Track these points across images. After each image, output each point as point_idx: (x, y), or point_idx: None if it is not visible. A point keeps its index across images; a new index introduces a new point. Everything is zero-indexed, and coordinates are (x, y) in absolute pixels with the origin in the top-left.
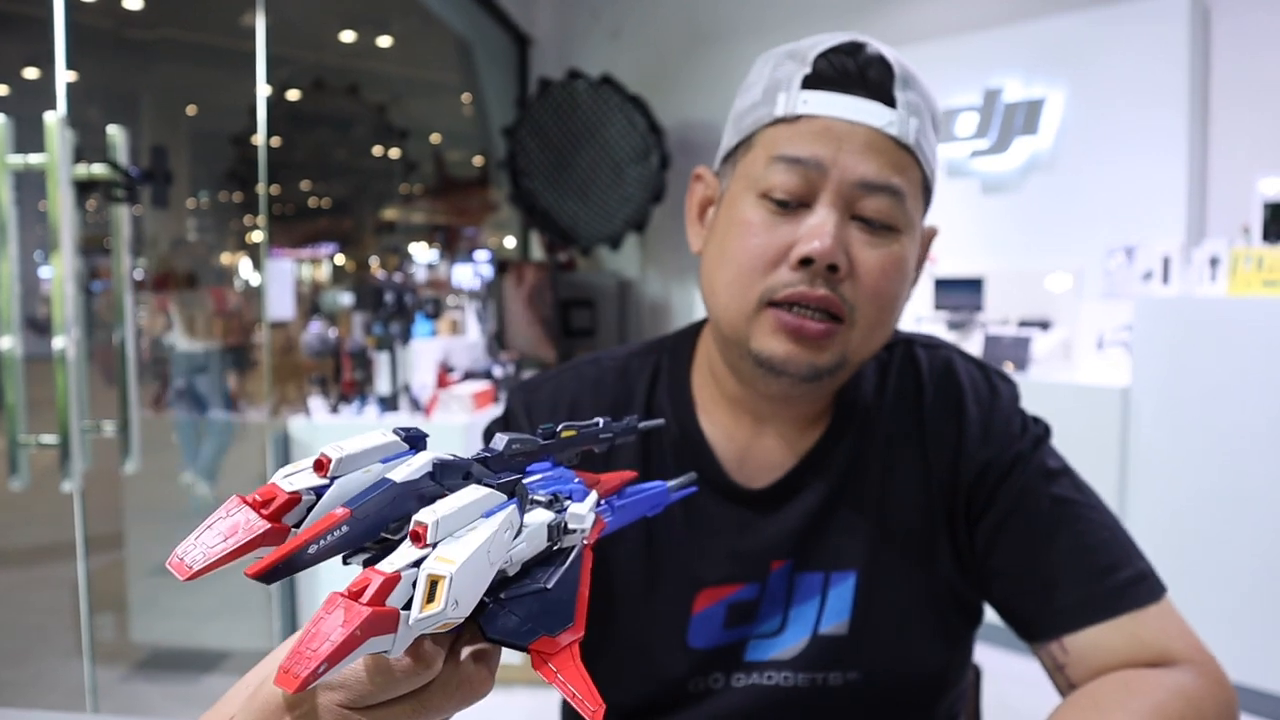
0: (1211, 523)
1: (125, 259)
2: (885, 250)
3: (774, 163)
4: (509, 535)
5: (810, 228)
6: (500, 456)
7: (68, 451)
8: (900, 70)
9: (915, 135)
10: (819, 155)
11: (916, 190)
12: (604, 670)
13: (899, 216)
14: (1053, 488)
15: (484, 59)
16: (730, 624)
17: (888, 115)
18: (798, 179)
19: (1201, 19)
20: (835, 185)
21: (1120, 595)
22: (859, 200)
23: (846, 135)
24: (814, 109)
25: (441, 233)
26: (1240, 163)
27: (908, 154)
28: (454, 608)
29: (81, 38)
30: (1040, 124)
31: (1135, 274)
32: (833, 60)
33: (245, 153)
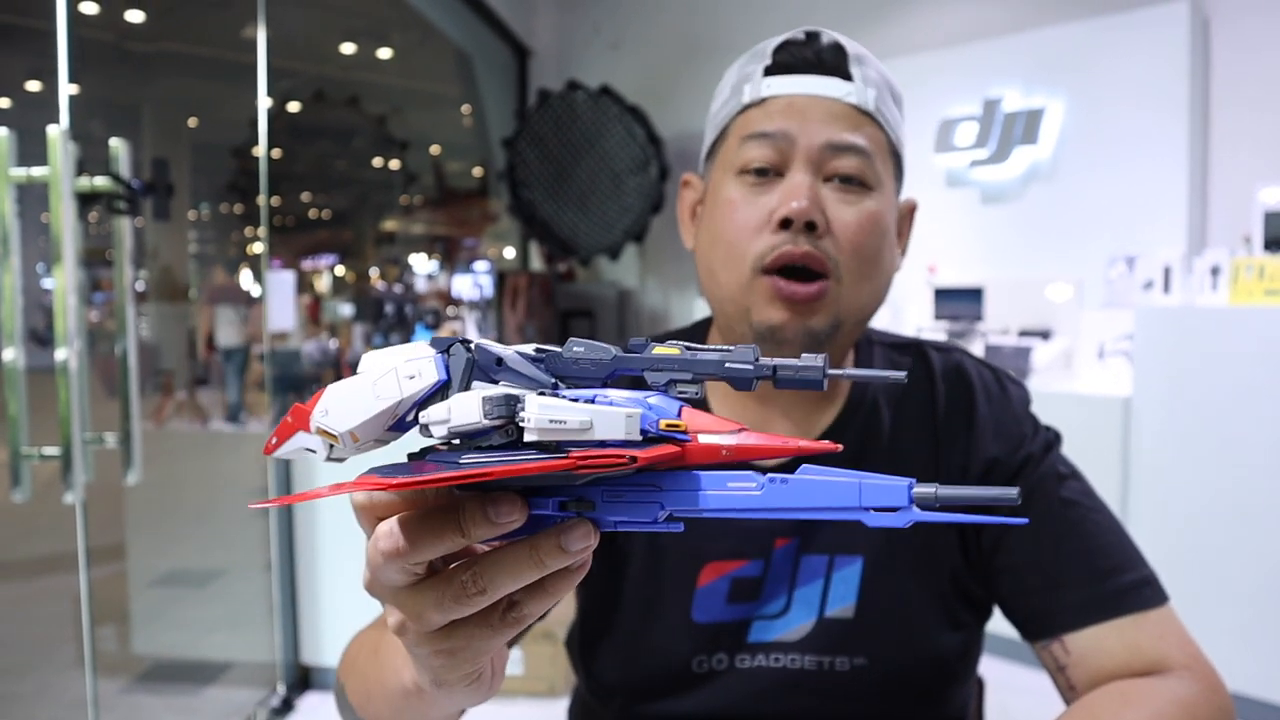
0: (1214, 533)
1: (127, 271)
2: (859, 206)
3: (746, 141)
4: (413, 381)
5: (786, 190)
6: (558, 357)
7: (69, 463)
8: (854, 50)
9: (875, 102)
10: (785, 127)
11: (883, 152)
12: (611, 647)
13: (868, 173)
14: (1061, 490)
15: (483, 70)
16: (734, 599)
17: (846, 87)
18: (769, 150)
19: (1201, 28)
20: (804, 151)
21: (1123, 597)
22: (829, 161)
23: (809, 107)
24: (777, 90)
25: (441, 243)
26: (1241, 172)
27: (868, 119)
28: (324, 415)
29: (84, 51)
30: (1040, 133)
31: (1136, 283)
32: (790, 50)
33: (246, 164)
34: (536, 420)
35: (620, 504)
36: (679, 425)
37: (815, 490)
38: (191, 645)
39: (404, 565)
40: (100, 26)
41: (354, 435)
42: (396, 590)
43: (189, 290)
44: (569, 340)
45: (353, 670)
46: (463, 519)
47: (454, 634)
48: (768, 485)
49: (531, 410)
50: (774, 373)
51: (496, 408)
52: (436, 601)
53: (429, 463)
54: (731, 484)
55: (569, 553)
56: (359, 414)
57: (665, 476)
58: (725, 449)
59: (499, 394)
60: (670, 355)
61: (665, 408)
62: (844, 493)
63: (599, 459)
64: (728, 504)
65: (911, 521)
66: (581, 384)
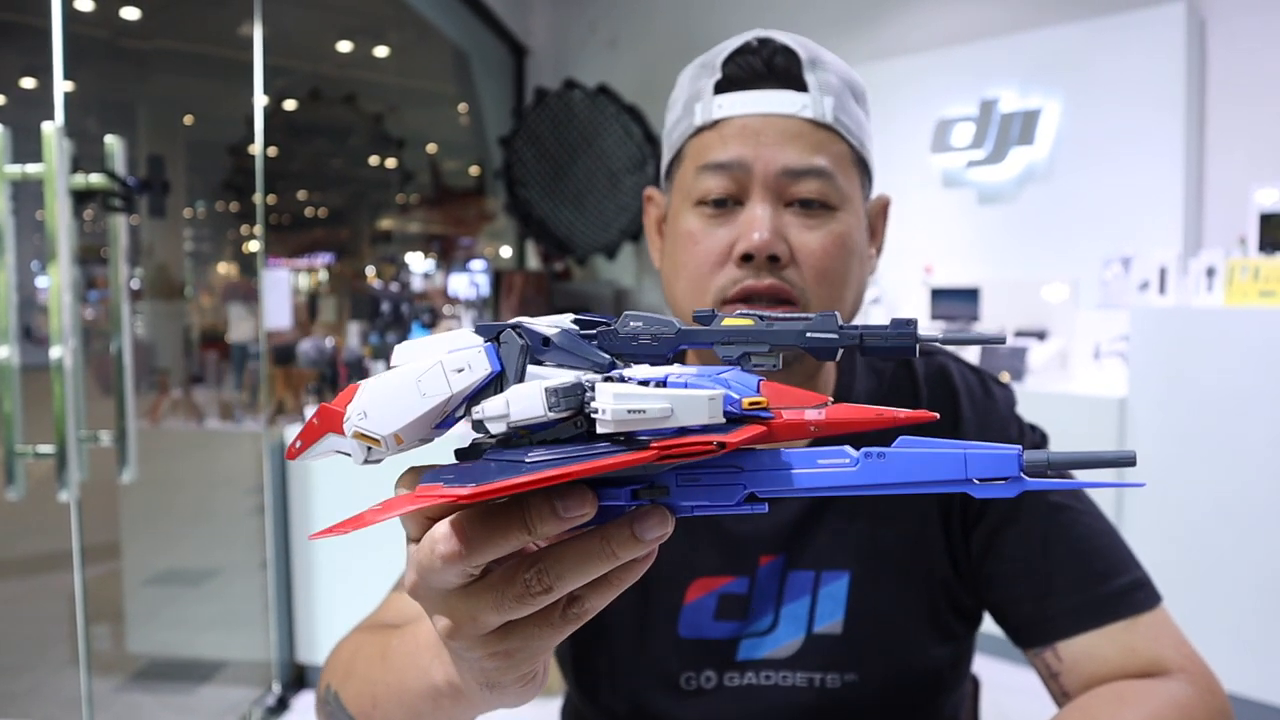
0: (1209, 532)
1: (122, 268)
2: (824, 230)
3: (701, 172)
4: (462, 375)
5: (745, 223)
6: (613, 333)
7: (64, 461)
8: (807, 54)
9: (833, 112)
10: (740, 155)
11: (846, 165)
12: (600, 663)
13: (831, 194)
14: (1050, 494)
15: (480, 69)
16: (721, 615)
17: (800, 100)
18: (725, 181)
19: (1197, 29)
20: (762, 179)
21: (1116, 602)
22: (788, 187)
23: (763, 129)
24: (728, 111)
25: (438, 242)
26: (1236, 173)
27: (828, 131)
28: (362, 418)
29: (79, 48)
30: (1036, 134)
31: (1132, 284)
32: (739, 61)
33: (242, 162)
34: (613, 413)
35: (697, 488)
36: (761, 402)
37: (916, 463)
38: (187, 644)
39: (464, 568)
40: (95, 23)
41: (398, 438)
42: (449, 594)
43: (185, 288)
44: (624, 314)
45: (350, 676)
46: (529, 516)
47: (511, 635)
48: (863, 461)
49: (605, 401)
50: (861, 340)
51: (564, 399)
52: (496, 603)
53: (486, 460)
54: (822, 461)
55: (643, 541)
56: (405, 414)
57: (747, 456)
58: (813, 425)
59: (565, 384)
60: (744, 327)
61: (744, 383)
62: (948, 464)
63: (684, 448)
64: (819, 482)
65: (1022, 490)
66: (639, 361)
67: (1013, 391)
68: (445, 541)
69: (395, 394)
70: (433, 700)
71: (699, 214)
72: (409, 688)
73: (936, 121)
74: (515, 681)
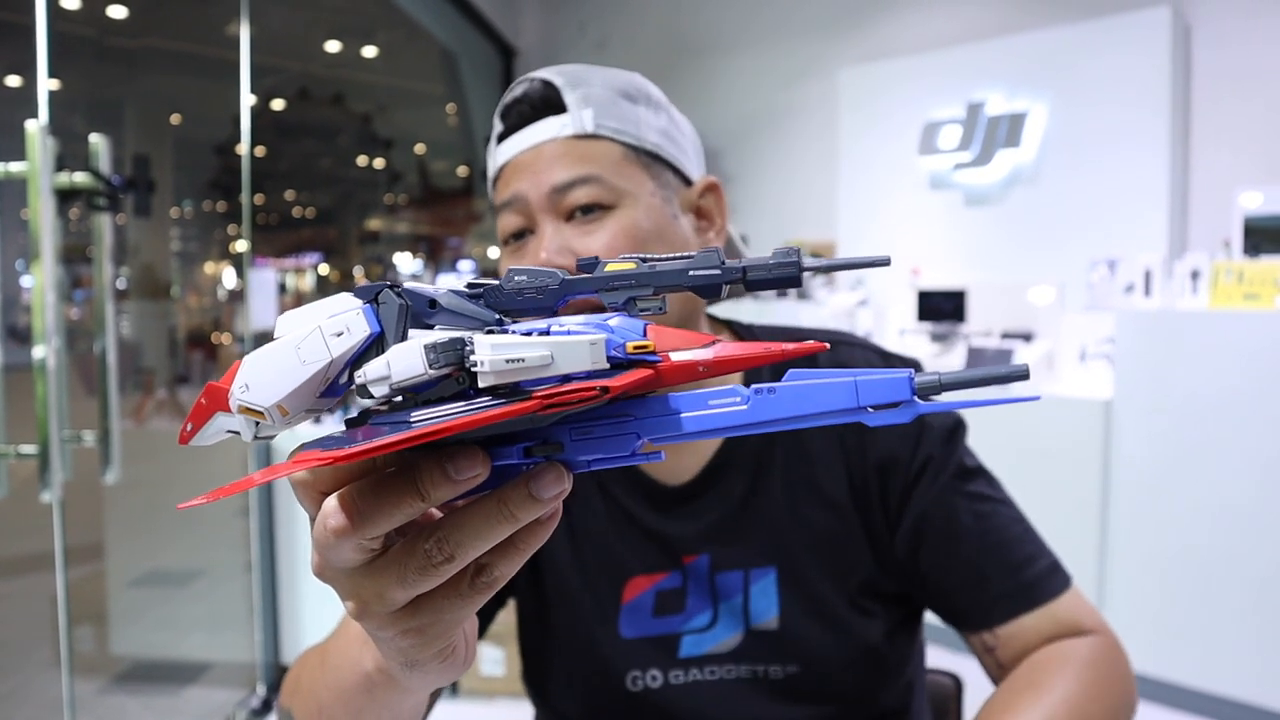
0: (1193, 533)
1: (107, 268)
2: (604, 229)
3: (499, 215)
4: (341, 338)
5: (533, 251)
6: (498, 289)
7: (47, 462)
8: (564, 78)
9: (594, 120)
10: (516, 190)
11: (619, 163)
12: (555, 673)
13: (603, 194)
14: (969, 486)
15: (469, 69)
16: (659, 612)
17: (560, 122)
18: (515, 217)
19: (1183, 34)
20: (538, 204)
21: (1041, 587)
22: (562, 202)
23: (532, 161)
24: (506, 155)
25: (425, 243)
26: (1221, 177)
27: (593, 140)
28: (244, 391)
29: (64, 46)
30: (1023, 137)
31: (1117, 287)
32: (512, 110)
33: (229, 162)
34: (491, 363)
35: (591, 441)
36: (647, 346)
37: (808, 395)
38: (171, 645)
39: (359, 542)
40: (82, 22)
41: (282, 408)
42: (351, 571)
43: (170, 288)
44: (509, 270)
45: (297, 690)
46: (420, 481)
47: (421, 609)
48: (754, 398)
49: (483, 352)
50: (744, 274)
51: (442, 355)
52: (399, 577)
53: (372, 426)
54: (713, 401)
55: (542, 501)
56: (285, 384)
57: (638, 404)
58: (702, 365)
59: (443, 339)
60: (626, 271)
61: (629, 328)
62: (840, 393)
63: (566, 395)
64: (712, 424)
65: (916, 415)
66: (528, 316)
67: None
68: (335, 515)
69: (276, 364)
70: (367, 691)
71: (506, 252)
72: (345, 684)
73: (923, 124)
74: (434, 658)
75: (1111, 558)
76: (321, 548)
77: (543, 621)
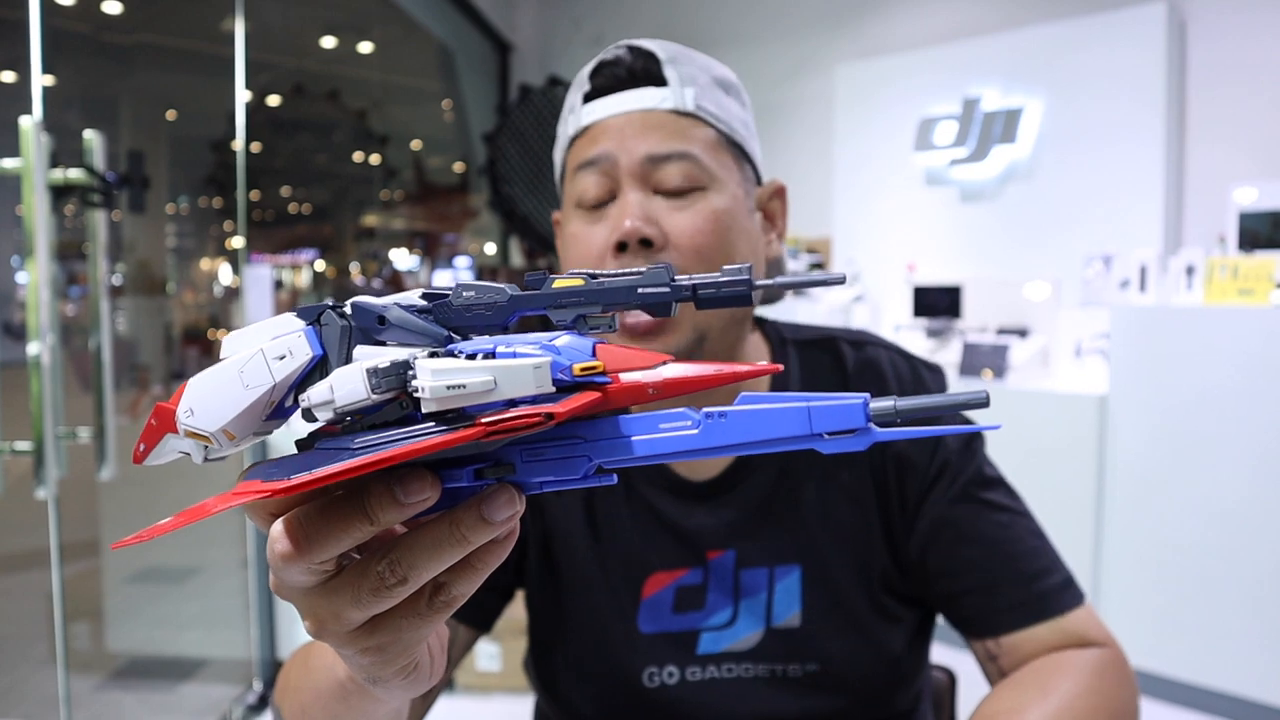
0: (1188, 528)
1: (102, 264)
2: (694, 210)
3: (576, 174)
4: (284, 362)
5: (617, 213)
6: (447, 305)
7: (42, 458)
8: (666, 53)
9: (694, 100)
10: (604, 150)
11: (713, 147)
12: (565, 665)
13: (699, 175)
14: (987, 494)
15: (465, 65)
16: (679, 608)
17: (660, 94)
18: (597, 177)
19: (1178, 29)
20: (627, 170)
21: (1053, 600)
22: (654, 174)
23: (624, 125)
24: (595, 116)
25: (421, 239)
26: (1216, 172)
27: (691, 119)
28: (189, 415)
29: (58, 42)
30: (1019, 133)
31: (1112, 282)
32: (604, 72)
33: (224, 158)
34: (432, 389)
35: (542, 463)
36: (595, 367)
37: (759, 421)
38: (167, 642)
39: (309, 566)
40: (76, 17)
41: (228, 433)
42: (306, 592)
43: (166, 284)
44: (457, 284)
45: (286, 691)
46: (369, 505)
47: (379, 629)
48: (704, 422)
49: (424, 379)
50: (694, 293)
51: (384, 380)
52: (354, 598)
53: (317, 450)
54: (664, 425)
55: (493, 523)
56: (229, 408)
57: (588, 426)
58: (651, 387)
59: (384, 364)
60: (574, 288)
61: (577, 348)
62: (792, 420)
63: (511, 422)
64: (662, 448)
65: (871, 442)
66: (478, 332)
67: (944, 374)
68: (281, 540)
69: (219, 387)
70: (343, 699)
71: (579, 216)
72: (323, 688)
73: (919, 120)
74: (395, 675)
75: (1107, 552)
76: (273, 569)
77: (558, 613)
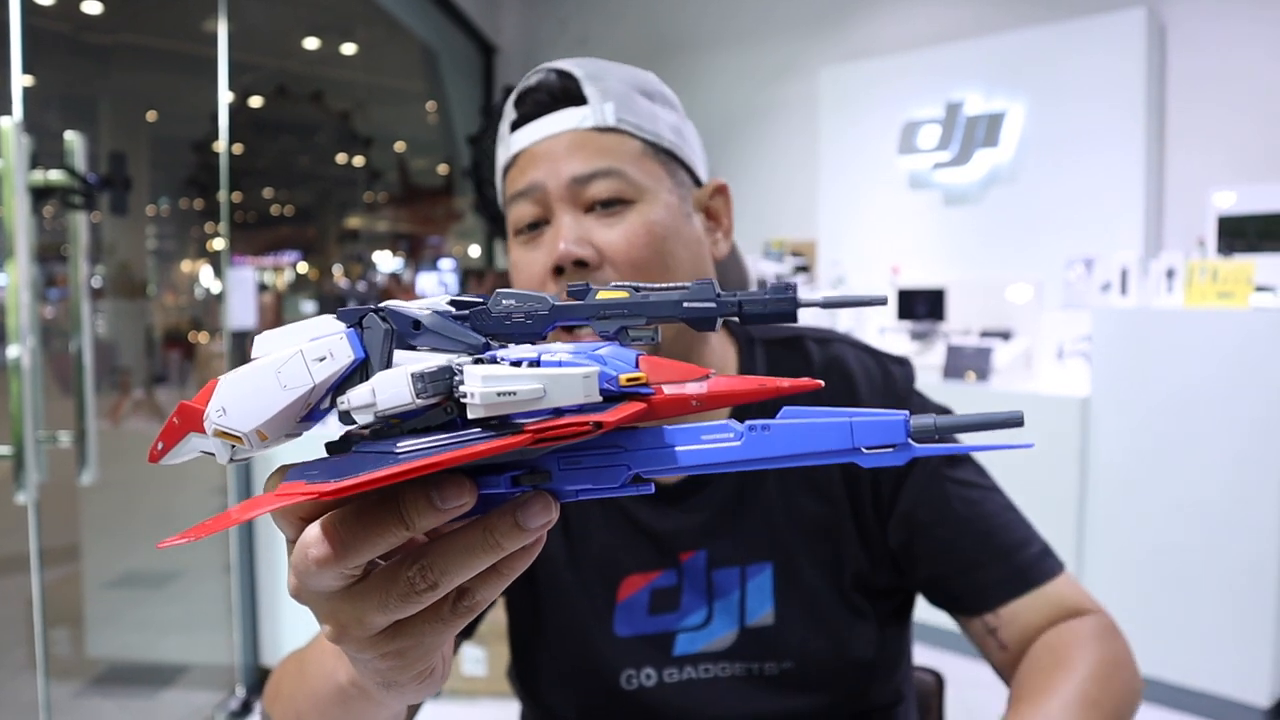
0: (1169, 529)
1: (83, 266)
2: (625, 224)
3: (511, 204)
4: (324, 363)
5: (550, 239)
6: (485, 313)
7: (22, 462)
8: (584, 70)
9: (615, 114)
10: (534, 179)
11: (638, 158)
12: (547, 671)
13: (625, 189)
14: (957, 473)
15: (449, 67)
16: (654, 610)
17: (581, 113)
18: (530, 206)
19: (1158, 34)
20: (556, 194)
21: (1036, 569)
22: (581, 194)
23: (551, 149)
24: (522, 144)
25: (405, 241)
26: (1195, 176)
27: (613, 133)
28: (221, 415)
29: (38, 42)
30: (1001, 137)
31: (1094, 285)
32: (528, 98)
33: (207, 159)
34: (482, 395)
35: (580, 471)
36: (640, 378)
37: (802, 434)
38: (148, 647)
39: (341, 571)
40: (56, 17)
41: (261, 433)
42: (330, 596)
43: (147, 286)
44: (496, 292)
45: (277, 698)
46: (405, 510)
47: (401, 634)
48: (748, 435)
49: (474, 384)
50: (740, 308)
51: (430, 385)
52: (380, 604)
53: (356, 453)
54: (706, 437)
55: (528, 530)
56: (265, 409)
57: (629, 435)
58: (695, 399)
59: (431, 369)
60: (619, 300)
61: (621, 359)
62: (834, 434)
63: (559, 430)
64: (704, 459)
65: (910, 458)
66: (515, 340)
67: (912, 368)
68: (317, 545)
69: (255, 388)
70: (342, 704)
71: (518, 243)
72: (321, 694)
73: (903, 124)
74: (412, 680)
75: (1088, 553)
76: (300, 574)
77: (535, 618)
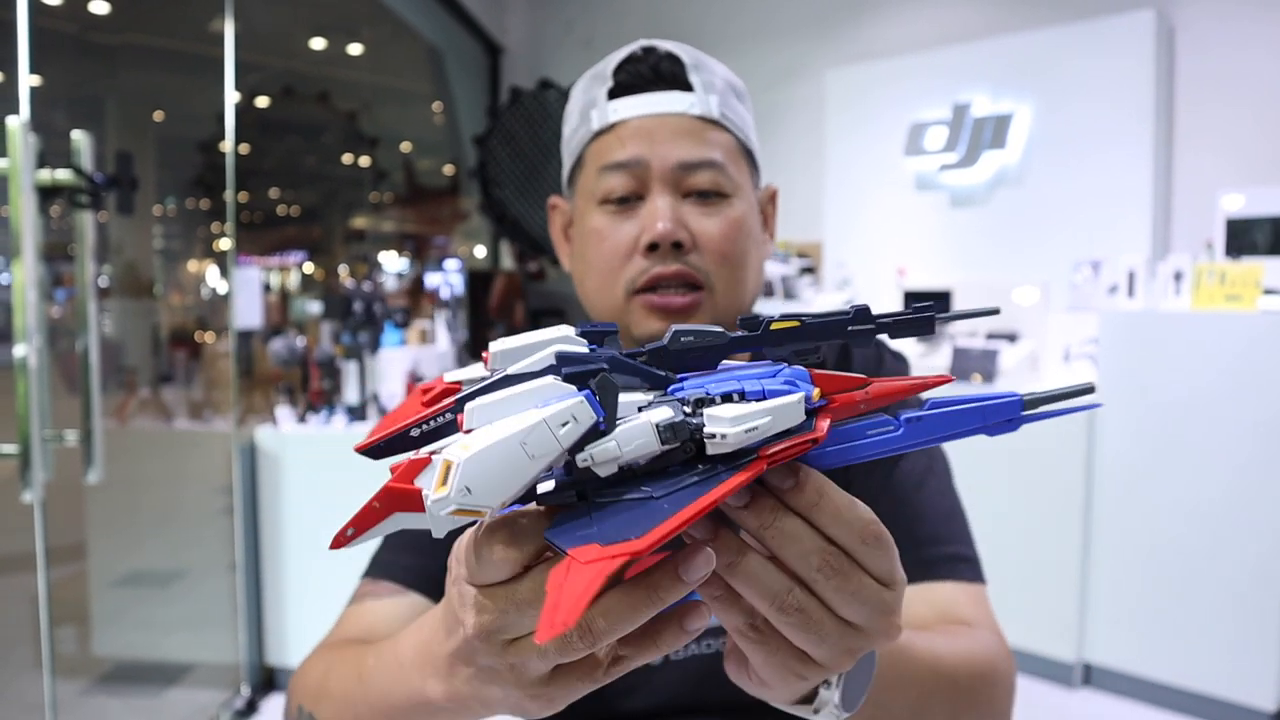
0: (1176, 532)
1: (89, 266)
2: (720, 216)
3: (602, 173)
4: (568, 429)
5: (649, 215)
6: (665, 351)
7: (28, 461)
8: (690, 58)
9: (718, 108)
10: (637, 153)
11: (734, 155)
12: None
13: (724, 183)
14: (907, 464)
15: (455, 67)
16: None
17: (688, 99)
18: (626, 179)
19: (1166, 37)
20: (659, 174)
21: (939, 566)
22: (684, 179)
23: (656, 127)
24: (623, 114)
25: (411, 241)
26: (1203, 179)
27: (715, 126)
28: (465, 495)
29: (45, 42)
30: (1008, 138)
31: (1101, 287)
32: (628, 69)
33: (213, 159)
34: (734, 436)
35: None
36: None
37: (948, 420)
38: (154, 646)
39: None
40: (63, 17)
41: (505, 504)
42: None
43: (154, 286)
44: (673, 330)
45: (324, 697)
46: (654, 586)
47: (554, 681)
48: (905, 426)
49: (722, 426)
50: (891, 324)
51: (676, 433)
52: (541, 651)
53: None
54: (871, 431)
55: (689, 583)
56: (514, 482)
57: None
58: (862, 402)
59: (672, 419)
60: (793, 329)
61: (801, 378)
62: (972, 417)
63: (787, 453)
64: (876, 449)
65: (1021, 426)
66: (688, 369)
67: (907, 362)
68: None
69: (502, 464)
70: (428, 716)
71: (604, 212)
72: (397, 703)
73: (910, 125)
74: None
75: (1095, 556)
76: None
77: None
